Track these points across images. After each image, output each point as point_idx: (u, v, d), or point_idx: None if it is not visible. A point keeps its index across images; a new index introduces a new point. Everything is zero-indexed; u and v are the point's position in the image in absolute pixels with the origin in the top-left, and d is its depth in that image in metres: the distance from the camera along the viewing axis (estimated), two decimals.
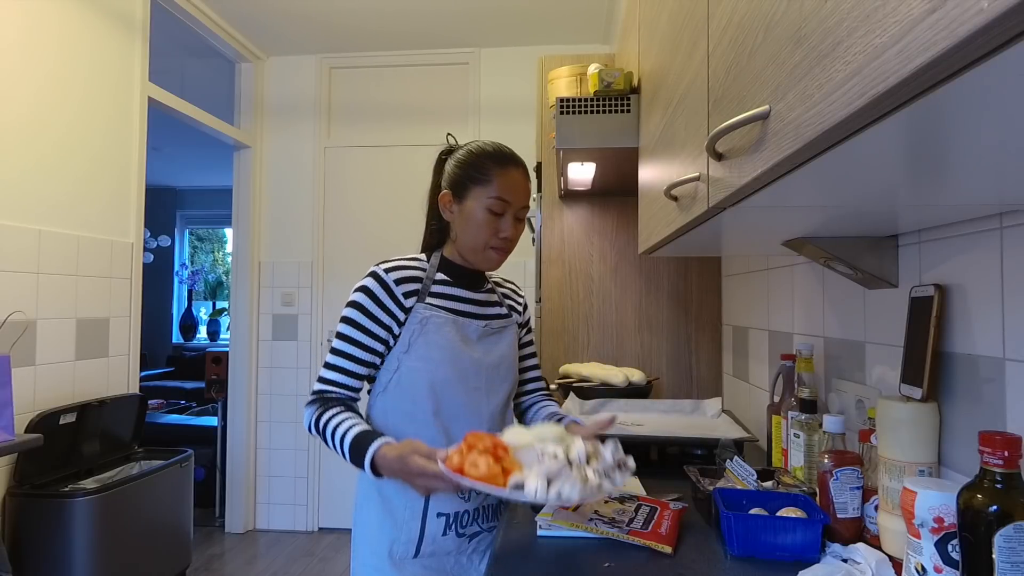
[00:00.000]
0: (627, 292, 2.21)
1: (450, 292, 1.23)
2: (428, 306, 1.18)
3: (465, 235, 1.20)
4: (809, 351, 1.29)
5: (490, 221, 1.17)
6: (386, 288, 1.16)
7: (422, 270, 1.21)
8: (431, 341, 1.16)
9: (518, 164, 1.20)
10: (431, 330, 1.17)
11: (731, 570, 0.89)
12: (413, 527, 1.16)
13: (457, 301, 1.23)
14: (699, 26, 0.90)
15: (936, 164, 0.56)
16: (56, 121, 2.33)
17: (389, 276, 1.17)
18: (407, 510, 1.17)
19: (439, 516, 1.17)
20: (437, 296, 1.21)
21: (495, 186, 1.17)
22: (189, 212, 7.06)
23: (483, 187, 1.17)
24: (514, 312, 1.34)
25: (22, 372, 2.16)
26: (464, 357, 1.19)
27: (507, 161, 1.19)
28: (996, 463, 0.63)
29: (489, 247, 1.19)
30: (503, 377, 1.25)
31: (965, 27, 0.30)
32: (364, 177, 3.67)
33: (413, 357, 1.17)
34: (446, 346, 1.17)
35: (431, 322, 1.17)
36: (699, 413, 1.74)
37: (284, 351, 3.65)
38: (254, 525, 3.64)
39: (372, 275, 1.18)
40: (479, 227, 1.17)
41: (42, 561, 2.06)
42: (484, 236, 1.18)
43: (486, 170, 1.17)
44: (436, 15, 3.19)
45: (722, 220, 0.90)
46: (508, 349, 1.27)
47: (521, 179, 1.20)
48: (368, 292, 1.16)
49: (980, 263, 0.85)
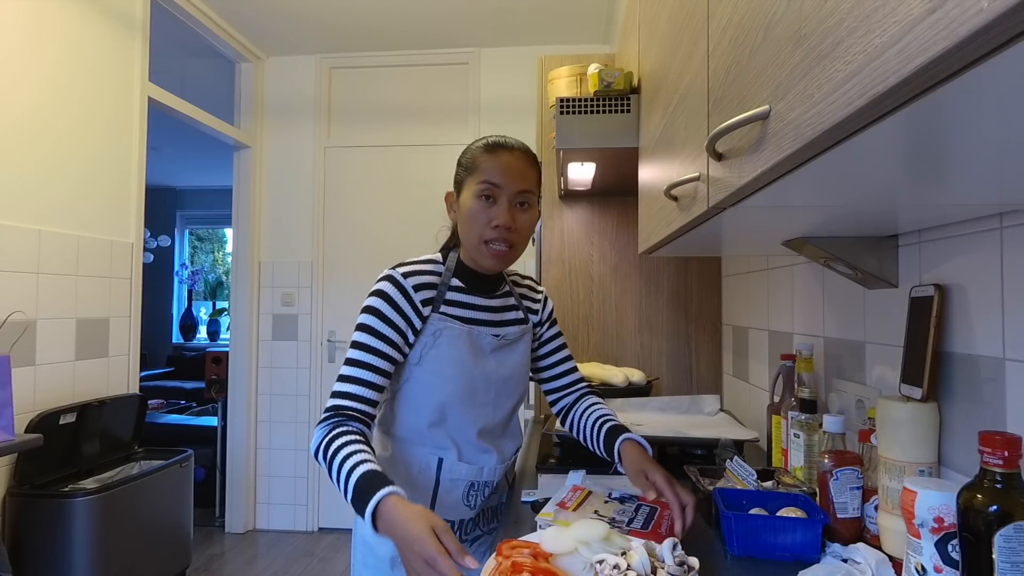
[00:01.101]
0: (627, 292, 2.21)
1: (465, 300, 1.17)
2: (443, 316, 1.13)
3: (463, 231, 1.14)
4: (809, 351, 1.29)
5: (481, 208, 1.09)
6: (404, 293, 1.10)
7: (437, 275, 1.15)
8: (443, 355, 1.11)
9: (511, 148, 1.13)
10: (444, 343, 1.11)
11: (731, 570, 0.89)
12: None
13: (471, 309, 1.17)
14: (699, 26, 0.90)
15: (936, 164, 0.56)
16: (56, 121, 2.33)
17: (407, 281, 1.10)
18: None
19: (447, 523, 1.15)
20: (451, 304, 1.15)
21: (481, 171, 1.10)
22: (189, 212, 7.06)
23: (471, 175, 1.12)
24: (530, 314, 1.28)
25: (22, 372, 2.16)
26: (475, 373, 1.14)
27: (497, 147, 1.13)
28: (996, 463, 0.63)
29: (483, 240, 1.10)
30: (511, 391, 1.21)
31: (965, 27, 0.30)
32: (364, 177, 3.67)
33: (424, 371, 1.12)
34: (459, 361, 1.12)
35: (445, 334, 1.12)
36: (696, 410, 1.74)
37: (284, 351, 3.65)
38: (254, 525, 3.64)
39: (389, 279, 1.11)
40: (471, 218, 1.10)
41: (42, 561, 2.06)
42: (477, 228, 1.10)
43: (473, 158, 1.13)
44: (436, 15, 3.19)
45: (722, 220, 0.90)
46: (521, 360, 1.23)
47: (515, 161, 1.11)
48: (386, 297, 1.09)
49: (980, 263, 0.85)
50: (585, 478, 1.17)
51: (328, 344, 3.61)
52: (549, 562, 0.80)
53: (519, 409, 1.27)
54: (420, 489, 1.15)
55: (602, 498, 1.09)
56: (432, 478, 1.15)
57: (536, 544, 0.83)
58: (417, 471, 1.15)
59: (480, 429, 1.17)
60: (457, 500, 1.17)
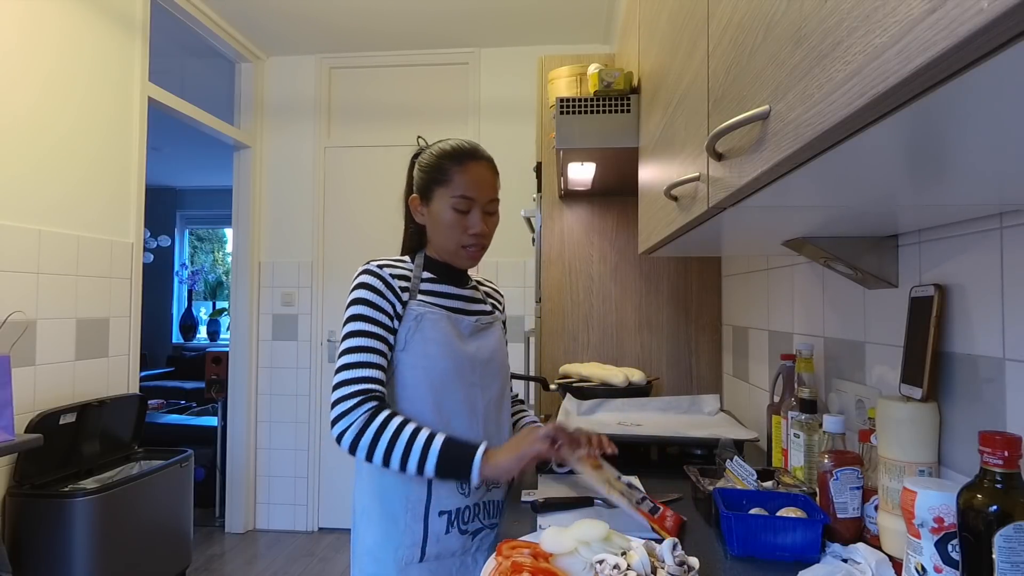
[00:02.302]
0: (627, 292, 2.21)
1: (438, 289, 1.24)
2: (421, 303, 1.18)
3: (437, 237, 1.22)
4: (809, 351, 1.29)
5: (458, 220, 1.18)
6: (384, 282, 1.16)
7: (409, 270, 1.22)
8: (428, 337, 1.16)
9: (478, 158, 1.20)
10: (427, 326, 1.17)
11: (731, 570, 0.89)
12: (416, 530, 1.15)
13: (446, 298, 1.24)
14: (699, 26, 0.90)
15: (936, 164, 0.56)
16: (56, 121, 2.33)
17: (385, 271, 1.17)
18: (408, 513, 1.15)
19: (441, 515, 1.17)
20: (427, 293, 1.21)
21: (455, 184, 1.18)
22: (189, 212, 7.06)
23: (445, 187, 1.18)
24: (496, 310, 1.35)
25: (22, 372, 2.16)
26: (460, 351, 1.19)
27: (465, 157, 1.19)
28: (996, 463, 0.63)
29: (461, 246, 1.20)
30: (495, 372, 1.26)
31: (965, 27, 0.30)
32: (364, 177, 3.67)
33: (411, 355, 1.16)
34: (443, 340, 1.17)
35: (426, 318, 1.17)
36: (696, 410, 1.74)
37: (284, 351, 3.65)
38: (254, 525, 3.64)
39: (367, 272, 1.17)
40: (448, 228, 1.19)
41: (42, 561, 2.06)
42: (455, 236, 1.19)
43: (445, 170, 1.19)
44: (436, 15, 3.19)
45: (722, 220, 0.90)
46: (497, 344, 1.29)
47: (484, 172, 1.20)
48: (369, 287, 1.15)
49: (980, 263, 0.85)
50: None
51: (328, 344, 3.61)
52: (549, 562, 0.80)
53: (508, 400, 1.30)
54: (415, 481, 1.16)
55: (614, 475, 1.10)
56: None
57: (536, 544, 0.83)
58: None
59: (472, 409, 1.20)
60: (451, 488, 1.18)
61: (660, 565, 0.80)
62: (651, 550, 0.83)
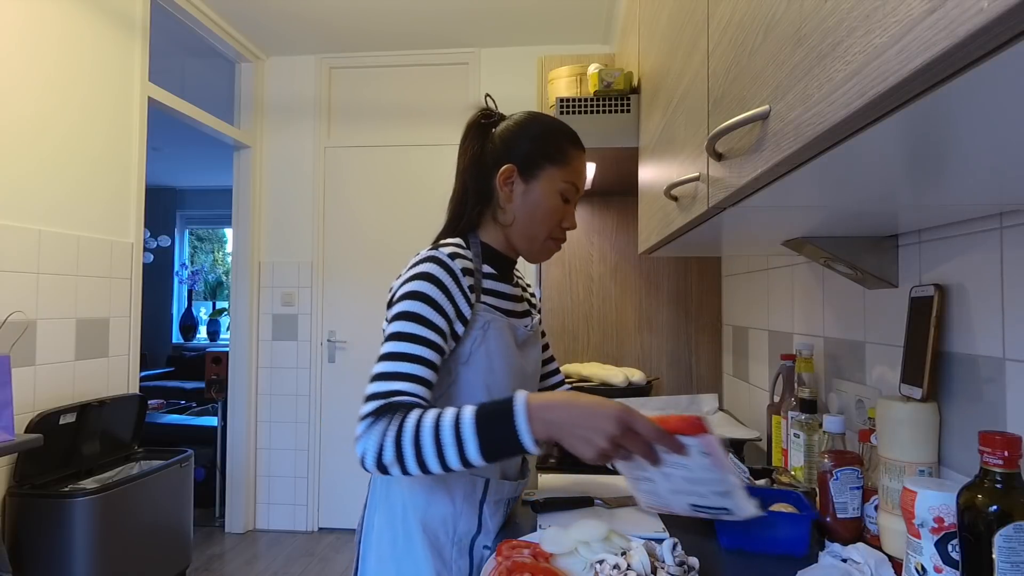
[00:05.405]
0: (627, 292, 2.21)
1: (498, 288, 1.04)
2: (487, 307, 0.99)
3: (525, 220, 1.02)
4: (809, 351, 1.29)
5: (559, 209, 1.02)
6: (454, 277, 0.94)
7: (470, 260, 1.01)
8: (492, 350, 0.98)
9: (584, 150, 1.08)
10: (492, 337, 0.98)
11: (724, 562, 0.91)
12: (462, 565, 0.98)
13: (504, 299, 1.05)
14: (699, 26, 0.90)
15: (936, 164, 0.56)
16: (56, 121, 2.33)
17: (456, 264, 0.95)
18: (454, 547, 0.98)
19: (485, 548, 1.00)
20: (488, 293, 1.02)
21: (571, 169, 1.02)
22: (189, 212, 7.06)
23: (558, 168, 1.02)
24: (532, 308, 1.21)
25: (22, 372, 2.16)
26: (519, 367, 1.03)
27: (579, 144, 1.05)
28: (996, 463, 0.63)
29: (551, 237, 1.04)
30: (534, 388, 1.12)
31: (965, 27, 0.30)
32: (364, 177, 3.67)
33: (473, 370, 0.97)
34: (506, 353, 1.00)
35: (492, 327, 0.98)
36: (695, 408, 1.74)
37: (284, 351, 3.65)
38: (254, 525, 3.64)
39: (435, 260, 0.94)
40: (547, 214, 1.02)
41: (42, 561, 2.06)
42: (549, 224, 1.02)
43: (564, 150, 1.02)
44: (436, 15, 3.19)
45: (722, 220, 0.90)
46: (539, 354, 1.15)
47: (585, 166, 1.08)
48: (434, 280, 0.92)
49: (980, 263, 0.85)
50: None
51: (328, 344, 3.61)
52: (549, 562, 0.80)
53: None
54: (464, 514, 1.00)
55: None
56: (477, 502, 1.01)
57: (536, 544, 0.83)
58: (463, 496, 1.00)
59: None
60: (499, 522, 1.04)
61: (660, 565, 0.80)
62: (651, 550, 0.83)
